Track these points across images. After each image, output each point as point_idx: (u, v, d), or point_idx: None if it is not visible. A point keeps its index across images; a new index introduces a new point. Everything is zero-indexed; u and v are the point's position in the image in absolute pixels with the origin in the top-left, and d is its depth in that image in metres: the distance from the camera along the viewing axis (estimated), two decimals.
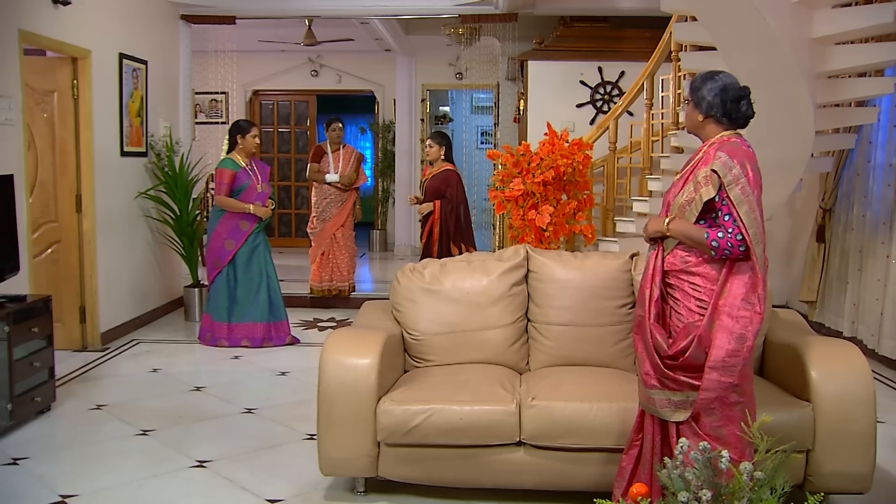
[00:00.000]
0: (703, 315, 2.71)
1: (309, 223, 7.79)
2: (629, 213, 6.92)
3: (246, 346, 6.15)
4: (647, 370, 2.81)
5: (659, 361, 2.75)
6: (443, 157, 6.61)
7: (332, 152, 7.62)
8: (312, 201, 7.74)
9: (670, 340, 2.76)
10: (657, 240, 2.90)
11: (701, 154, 2.83)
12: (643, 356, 2.83)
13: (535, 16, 8.30)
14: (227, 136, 6.32)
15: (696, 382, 2.68)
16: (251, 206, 6.06)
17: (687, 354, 2.69)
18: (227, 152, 6.27)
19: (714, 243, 2.67)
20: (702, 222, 2.76)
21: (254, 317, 6.18)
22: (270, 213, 6.21)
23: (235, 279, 6.15)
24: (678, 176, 2.91)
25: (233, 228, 6.09)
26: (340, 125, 7.70)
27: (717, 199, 2.70)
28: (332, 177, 7.53)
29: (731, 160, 2.68)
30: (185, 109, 7.96)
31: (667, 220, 2.81)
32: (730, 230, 2.66)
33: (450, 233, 6.50)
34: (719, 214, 2.71)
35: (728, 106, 2.81)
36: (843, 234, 6.32)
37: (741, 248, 2.65)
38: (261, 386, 5.26)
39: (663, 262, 2.84)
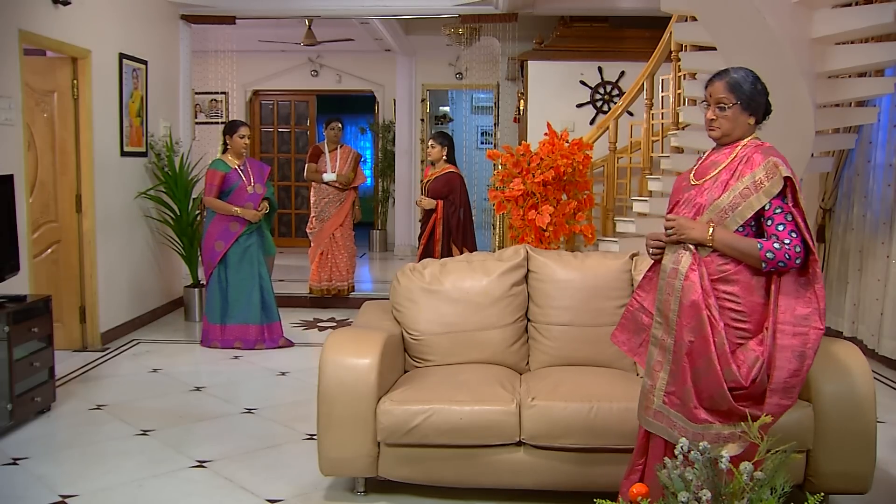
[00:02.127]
0: (742, 330, 2.55)
1: (308, 223, 7.79)
2: (629, 214, 6.92)
3: (238, 348, 6.13)
4: (696, 404, 2.56)
5: (727, 393, 2.52)
6: (444, 157, 6.61)
7: (330, 152, 7.62)
8: (311, 201, 7.74)
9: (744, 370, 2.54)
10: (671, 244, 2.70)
11: (736, 156, 2.64)
12: (691, 389, 2.57)
13: (535, 16, 8.30)
14: (223, 138, 6.26)
15: (757, 412, 2.47)
16: (238, 209, 5.99)
17: (757, 381, 2.51)
18: (222, 153, 6.23)
19: (769, 255, 2.49)
20: (739, 229, 2.58)
21: (246, 318, 6.14)
22: (260, 217, 6.09)
23: (227, 280, 6.12)
24: (707, 178, 2.68)
25: (223, 230, 6.05)
26: (339, 125, 7.69)
27: (767, 207, 2.54)
28: (329, 176, 7.53)
29: (787, 167, 2.53)
30: (185, 109, 7.96)
31: (711, 230, 2.56)
32: (786, 241, 2.48)
33: (451, 233, 6.50)
34: (770, 224, 2.53)
35: (768, 105, 2.69)
36: (844, 234, 6.32)
37: (797, 262, 2.50)
38: (260, 386, 5.26)
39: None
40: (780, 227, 2.52)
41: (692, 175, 2.77)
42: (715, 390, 2.54)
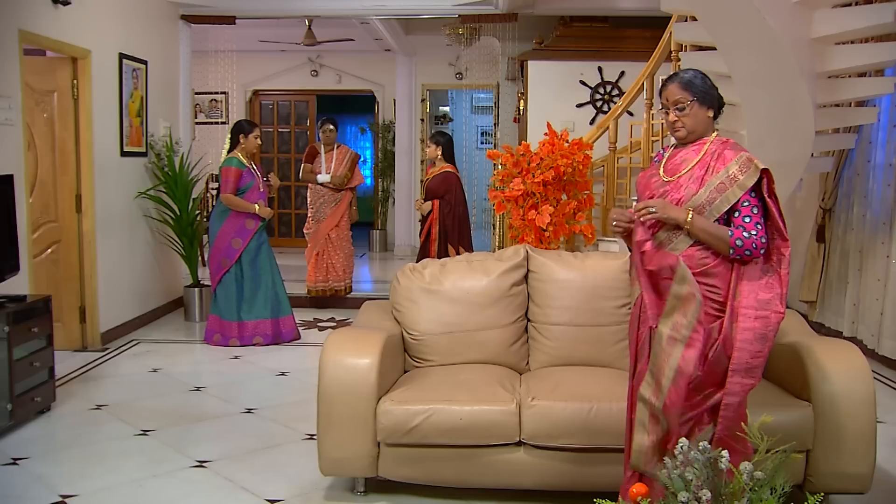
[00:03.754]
0: (719, 318, 2.65)
1: (306, 223, 7.78)
2: None
3: (258, 344, 6.18)
4: (673, 395, 2.62)
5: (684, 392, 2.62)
6: (440, 156, 6.61)
7: (325, 153, 7.60)
8: (308, 201, 7.74)
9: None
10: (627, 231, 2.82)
11: (706, 152, 2.73)
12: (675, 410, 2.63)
13: (535, 16, 8.30)
14: (229, 136, 6.34)
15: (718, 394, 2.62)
16: (257, 206, 6.12)
17: (710, 358, 2.62)
18: (229, 152, 6.30)
19: (738, 242, 2.62)
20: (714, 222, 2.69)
21: (264, 313, 6.25)
22: (272, 214, 6.24)
23: (243, 277, 6.19)
24: (680, 174, 2.75)
25: (239, 227, 6.14)
26: (332, 127, 7.64)
27: (738, 199, 2.66)
28: (323, 177, 7.50)
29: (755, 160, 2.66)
30: (184, 109, 7.96)
31: (690, 215, 2.65)
32: (753, 232, 2.63)
33: (447, 233, 6.51)
34: (738, 216, 2.65)
35: (721, 98, 2.80)
36: (843, 234, 6.32)
37: (761, 251, 2.64)
38: (261, 386, 5.26)
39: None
40: (747, 219, 2.66)
41: (662, 172, 2.82)
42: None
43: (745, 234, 2.63)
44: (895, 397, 4.98)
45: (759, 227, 2.64)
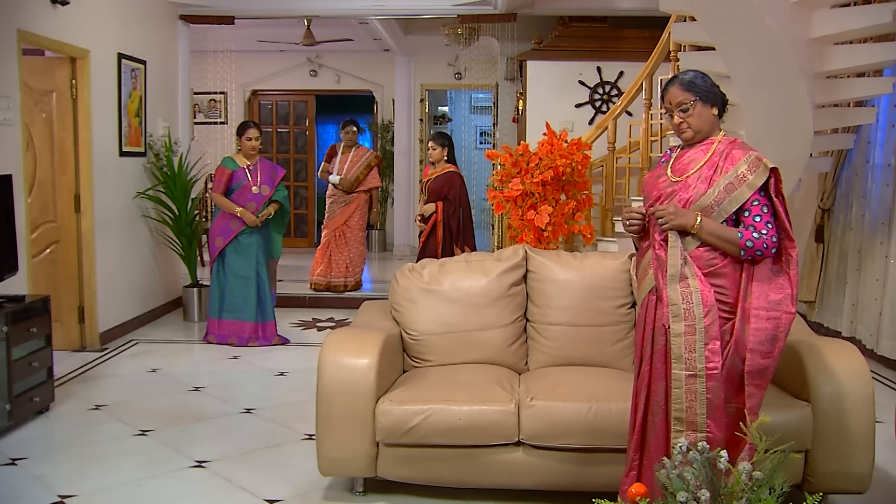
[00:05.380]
0: (728, 320, 2.65)
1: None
2: None
3: (232, 344, 6.18)
4: (713, 427, 2.63)
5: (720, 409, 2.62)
6: (445, 158, 6.63)
7: (342, 153, 7.91)
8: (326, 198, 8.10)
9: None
10: (643, 232, 2.80)
11: (714, 152, 2.73)
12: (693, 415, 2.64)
13: (534, 16, 8.30)
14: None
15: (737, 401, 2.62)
16: (239, 210, 6.09)
17: (725, 361, 2.62)
18: (237, 151, 6.36)
19: (749, 243, 2.61)
20: (722, 222, 2.68)
21: (242, 315, 6.22)
22: (258, 223, 6.15)
23: (225, 276, 6.20)
24: (688, 174, 2.74)
25: (224, 227, 6.16)
26: (354, 129, 8.02)
27: (748, 199, 2.66)
28: (334, 178, 7.86)
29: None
30: (183, 109, 7.95)
31: (699, 219, 2.65)
32: (763, 231, 2.62)
33: (452, 234, 6.51)
34: (747, 215, 2.65)
35: (724, 95, 2.81)
36: (842, 234, 6.32)
37: (773, 251, 2.64)
38: (259, 386, 5.26)
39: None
40: (757, 219, 2.65)
41: (670, 172, 2.82)
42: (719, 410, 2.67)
43: (756, 234, 2.63)
44: (894, 397, 4.98)
45: (770, 226, 2.64)
